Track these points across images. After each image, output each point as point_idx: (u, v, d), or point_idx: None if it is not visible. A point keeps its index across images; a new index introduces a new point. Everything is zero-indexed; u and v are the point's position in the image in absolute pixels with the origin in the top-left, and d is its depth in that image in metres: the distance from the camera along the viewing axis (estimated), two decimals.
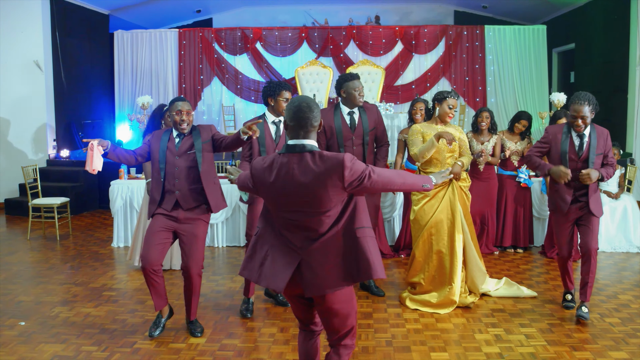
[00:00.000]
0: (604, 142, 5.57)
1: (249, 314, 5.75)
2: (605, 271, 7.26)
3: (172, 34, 14.59)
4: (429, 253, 5.98)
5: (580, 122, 5.40)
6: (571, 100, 5.44)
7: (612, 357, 4.79)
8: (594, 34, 13.45)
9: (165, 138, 5.18)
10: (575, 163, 5.54)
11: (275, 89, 5.68)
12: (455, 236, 5.86)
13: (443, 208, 5.91)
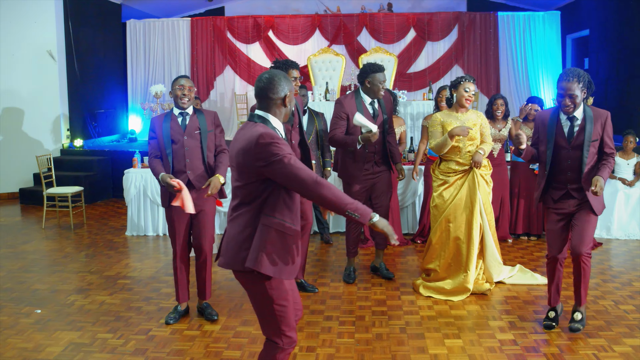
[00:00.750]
0: (601, 126, 4.81)
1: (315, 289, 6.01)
2: (619, 258, 7.23)
3: (185, 22, 14.60)
4: (446, 240, 5.97)
5: (569, 101, 4.70)
6: (559, 77, 4.78)
7: (627, 344, 4.78)
8: (609, 19, 13.33)
9: (167, 119, 5.23)
10: (566, 151, 4.84)
11: (281, 68, 5.66)
12: (473, 224, 5.85)
13: (462, 196, 5.89)
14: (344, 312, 5.50)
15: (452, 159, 5.91)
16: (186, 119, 5.23)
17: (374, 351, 4.68)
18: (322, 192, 3.16)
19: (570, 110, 4.76)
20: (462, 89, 5.83)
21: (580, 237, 4.83)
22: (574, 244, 4.85)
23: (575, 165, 4.83)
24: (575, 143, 4.81)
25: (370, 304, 5.70)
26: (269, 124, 3.35)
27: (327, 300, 5.82)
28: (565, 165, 4.87)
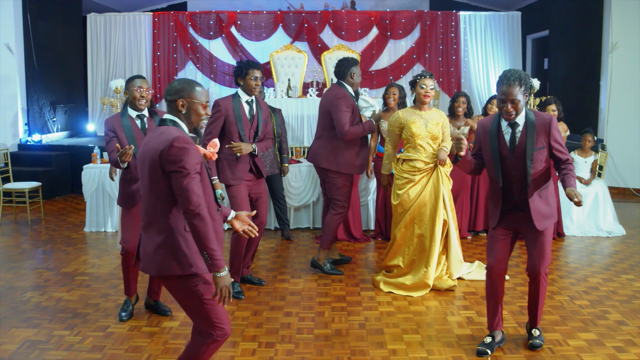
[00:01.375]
0: (546, 132, 4.39)
1: (241, 296, 5.85)
2: (575, 255, 7.37)
3: (146, 17, 14.45)
4: (410, 237, 6.01)
5: (510, 106, 4.27)
6: (498, 80, 4.35)
7: (581, 338, 4.88)
8: (568, 20, 13.53)
9: (126, 120, 5.17)
10: (510, 161, 4.42)
11: (243, 69, 5.72)
12: (437, 221, 5.89)
13: (427, 193, 5.93)
14: (304, 308, 5.52)
15: (416, 158, 5.94)
16: (145, 122, 5.21)
17: (332, 347, 4.70)
18: (195, 222, 3.25)
19: (512, 117, 4.33)
20: (419, 86, 5.88)
21: (540, 254, 4.49)
22: (533, 262, 4.52)
23: (521, 176, 4.42)
24: (518, 152, 4.39)
25: (329, 300, 5.72)
26: (180, 127, 3.43)
27: (287, 296, 5.83)
28: (510, 176, 4.45)
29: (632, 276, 6.48)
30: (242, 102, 5.78)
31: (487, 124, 4.54)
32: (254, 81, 5.71)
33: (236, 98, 5.79)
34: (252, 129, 5.79)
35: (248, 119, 5.77)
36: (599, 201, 8.28)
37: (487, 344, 4.64)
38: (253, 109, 5.82)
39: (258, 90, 5.80)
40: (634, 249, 7.56)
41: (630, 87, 11.35)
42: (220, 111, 5.72)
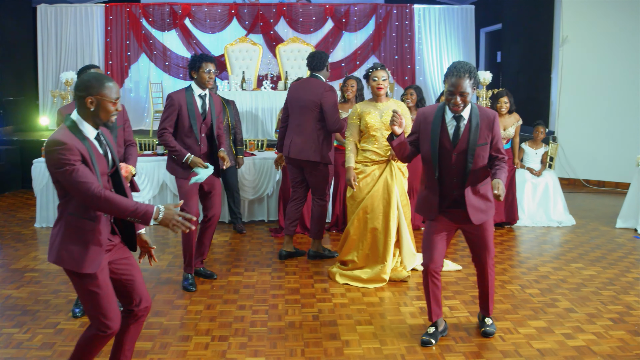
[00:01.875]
0: (489, 128, 4.33)
1: (193, 288, 5.82)
2: (527, 245, 7.49)
3: (99, 8, 14.24)
4: (363, 231, 6.02)
5: (459, 99, 4.19)
6: (447, 72, 4.27)
7: (531, 325, 4.96)
8: (520, 14, 13.71)
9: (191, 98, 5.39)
10: (449, 154, 4.34)
11: (197, 62, 5.69)
12: (390, 215, 5.90)
13: (379, 187, 5.93)
14: (257, 301, 5.50)
15: (370, 149, 5.95)
16: (205, 101, 5.18)
17: (286, 339, 4.70)
18: (100, 204, 3.30)
19: (460, 109, 4.25)
20: (371, 79, 5.90)
21: (485, 246, 4.54)
22: (479, 256, 4.60)
23: (461, 170, 4.37)
24: (461, 147, 4.32)
25: (283, 293, 5.71)
26: (77, 127, 3.41)
27: (241, 289, 5.80)
28: (450, 170, 4.37)
29: (581, 264, 6.61)
30: (194, 96, 5.74)
31: (429, 114, 4.42)
32: (208, 74, 5.68)
33: (189, 92, 5.75)
34: (204, 124, 5.76)
35: (200, 113, 5.73)
36: (549, 192, 8.42)
37: (431, 334, 4.65)
38: (206, 103, 5.78)
39: (212, 84, 5.77)
40: (583, 238, 7.72)
41: (581, 79, 11.57)
42: (173, 105, 5.69)
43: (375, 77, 5.87)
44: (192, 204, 5.75)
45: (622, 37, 11.15)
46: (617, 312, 5.26)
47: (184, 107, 5.68)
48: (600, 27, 11.38)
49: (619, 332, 4.85)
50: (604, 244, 7.49)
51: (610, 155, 11.32)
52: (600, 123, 11.43)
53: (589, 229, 8.23)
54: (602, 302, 5.49)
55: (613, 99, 11.31)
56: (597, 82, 11.44)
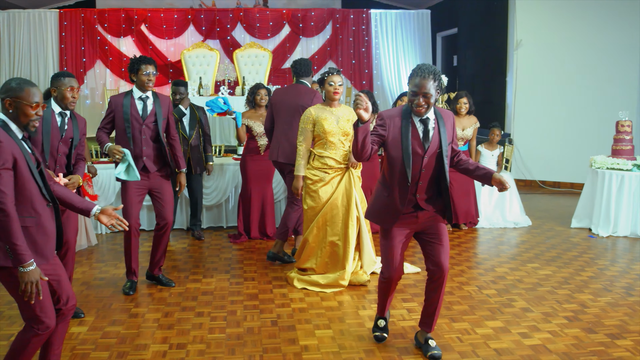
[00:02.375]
0: (452, 127, 4.31)
1: (131, 292, 5.82)
2: (484, 246, 7.57)
3: (52, 14, 14.06)
4: (323, 239, 6.00)
5: (422, 100, 4.04)
6: (412, 73, 4.12)
7: (488, 326, 5.00)
8: (476, 19, 13.89)
9: (47, 119, 4.94)
10: (420, 158, 4.18)
11: (135, 65, 5.66)
12: (349, 223, 5.90)
13: (339, 195, 5.93)
14: (216, 307, 5.46)
15: (327, 156, 5.94)
16: (65, 122, 5.04)
17: (245, 345, 4.67)
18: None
19: (423, 111, 4.10)
20: (327, 84, 5.88)
21: (445, 250, 4.36)
22: (439, 259, 4.33)
23: (427, 174, 4.24)
24: (432, 149, 4.18)
25: (242, 299, 5.68)
26: (7, 126, 3.46)
27: (199, 296, 5.76)
28: (417, 173, 4.21)
29: (537, 264, 6.70)
30: (134, 99, 5.70)
31: (395, 117, 4.23)
32: (147, 77, 5.65)
33: (128, 95, 5.73)
34: (145, 125, 5.71)
35: (140, 115, 5.70)
36: (505, 193, 8.52)
37: (382, 327, 4.71)
38: (147, 105, 5.73)
39: (151, 86, 5.72)
40: (539, 239, 7.83)
41: (535, 83, 11.75)
42: (110, 107, 5.74)
43: (331, 82, 5.86)
44: (132, 212, 5.72)
45: (576, 40, 11.36)
46: (572, 311, 5.34)
47: (119, 109, 5.67)
48: (554, 30, 11.58)
49: (574, 330, 4.93)
50: (559, 243, 7.61)
51: (565, 156, 11.51)
52: (555, 125, 11.62)
53: (544, 229, 8.35)
54: (557, 301, 5.57)
55: (567, 101, 11.50)
56: (552, 85, 11.63)
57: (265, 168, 7.65)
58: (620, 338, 4.77)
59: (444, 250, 4.36)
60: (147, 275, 6.17)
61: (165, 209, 5.87)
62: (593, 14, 11.18)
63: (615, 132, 8.35)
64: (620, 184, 7.91)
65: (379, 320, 4.74)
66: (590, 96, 11.29)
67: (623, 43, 10.97)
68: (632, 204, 7.91)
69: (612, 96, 11.01)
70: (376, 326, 4.74)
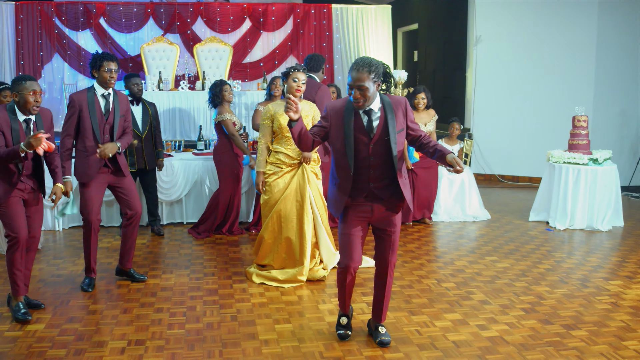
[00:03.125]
0: (403, 114, 4.30)
1: (90, 289, 5.77)
2: (443, 239, 7.64)
3: (9, 6, 13.78)
4: (278, 235, 6.01)
5: (358, 93, 4.10)
6: (350, 67, 4.17)
7: (447, 318, 5.06)
8: (436, 14, 13.99)
9: (15, 121, 4.89)
10: (366, 146, 4.25)
11: (97, 61, 5.58)
12: (304, 219, 5.92)
13: (292, 190, 5.93)
14: (175, 303, 5.43)
15: (282, 151, 5.94)
16: (30, 125, 4.97)
17: (204, 340, 4.66)
18: None
19: (360, 104, 4.15)
20: (291, 80, 5.85)
21: (392, 245, 4.43)
22: (384, 253, 4.45)
23: (378, 161, 4.28)
24: (378, 137, 4.23)
25: (201, 294, 5.66)
26: None
27: (158, 292, 5.72)
28: (367, 162, 4.27)
29: (496, 257, 6.78)
30: (97, 96, 5.64)
31: (339, 107, 4.30)
32: (109, 73, 5.58)
33: (91, 92, 5.65)
34: (107, 124, 5.66)
35: (103, 113, 5.63)
36: (465, 187, 8.61)
37: (344, 325, 4.70)
38: (109, 102, 5.68)
39: (113, 83, 5.67)
40: (498, 232, 7.93)
41: (495, 78, 11.88)
42: (74, 106, 5.59)
43: (295, 78, 5.82)
44: (93, 207, 5.69)
45: (534, 36, 11.51)
46: (529, 302, 5.42)
47: (84, 107, 5.58)
48: (513, 26, 11.71)
49: (531, 321, 5.01)
50: (517, 237, 7.72)
51: (524, 151, 11.66)
52: (514, 120, 11.76)
53: (503, 223, 8.46)
54: (514, 293, 5.65)
55: (526, 96, 11.65)
56: (510, 80, 11.77)
57: (238, 164, 7.63)
58: (576, 329, 4.86)
59: (392, 245, 4.43)
60: (117, 270, 6.11)
61: (133, 200, 5.84)
62: (551, 10, 11.33)
63: (572, 127, 8.47)
64: (577, 177, 8.05)
65: (341, 317, 4.73)
66: (548, 91, 11.45)
67: (580, 39, 11.14)
68: (588, 197, 8.05)
69: (568, 92, 11.18)
70: (339, 324, 4.72)
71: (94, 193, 5.66)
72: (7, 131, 4.86)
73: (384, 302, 4.59)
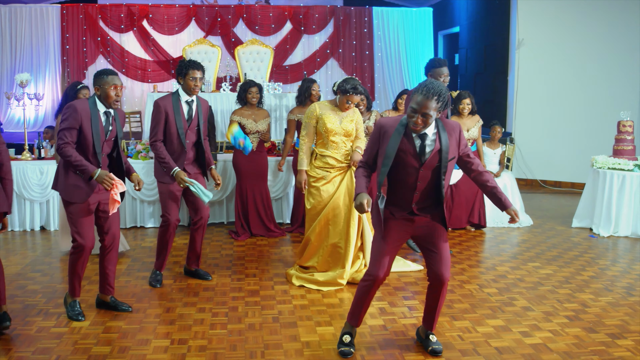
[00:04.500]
0: (457, 141, 4.16)
1: (158, 284, 5.90)
2: (485, 245, 7.57)
3: (54, 9, 14.06)
4: (325, 238, 6.00)
5: (420, 119, 3.93)
6: (417, 88, 3.99)
7: (489, 324, 5.01)
8: (477, 17, 13.88)
9: (95, 115, 4.91)
10: (415, 170, 4.11)
11: (183, 69, 5.69)
12: (351, 222, 5.90)
13: (340, 194, 5.93)
14: (217, 303, 5.47)
15: (329, 155, 5.94)
16: (109, 119, 5.02)
17: (246, 341, 4.68)
18: None
19: (419, 129, 3.99)
20: (345, 100, 5.84)
21: (445, 261, 4.28)
22: (439, 270, 4.27)
23: (424, 185, 4.17)
24: (428, 163, 4.08)
25: (243, 295, 5.69)
26: None
27: (200, 292, 5.77)
28: (413, 184, 4.16)
29: (538, 264, 6.70)
30: (181, 102, 5.75)
31: (389, 127, 4.14)
32: (193, 82, 5.67)
33: (175, 97, 5.76)
34: (190, 130, 5.79)
35: (186, 118, 5.74)
36: (507, 192, 8.51)
37: (347, 343, 4.49)
38: (192, 109, 5.80)
39: (197, 91, 5.76)
40: (540, 238, 7.84)
41: (537, 82, 11.75)
42: (160, 112, 5.70)
43: (349, 101, 5.84)
44: (172, 209, 5.82)
45: (578, 39, 11.36)
46: (573, 310, 5.35)
47: (170, 113, 5.69)
48: (556, 29, 11.58)
49: (575, 329, 4.93)
50: (560, 243, 7.62)
51: (566, 156, 11.52)
52: (557, 124, 11.62)
53: (545, 229, 8.36)
54: (558, 300, 5.58)
55: (568, 100, 11.50)
56: (553, 84, 11.63)
57: (257, 165, 7.69)
58: (621, 338, 4.78)
59: (444, 260, 4.28)
60: (185, 271, 6.26)
61: (201, 205, 5.95)
62: (595, 13, 11.18)
63: (617, 132, 8.35)
64: (622, 184, 7.92)
65: (344, 335, 4.51)
66: (592, 96, 11.29)
67: (625, 43, 10.97)
68: (633, 204, 7.92)
69: (612, 96, 11.02)
70: (341, 342, 4.51)
71: (174, 196, 5.82)
72: (86, 123, 4.86)
73: (437, 313, 4.47)
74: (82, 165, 4.81)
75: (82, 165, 4.81)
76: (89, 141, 4.88)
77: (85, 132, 4.86)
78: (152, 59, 14.26)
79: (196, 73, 5.66)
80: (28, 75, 11.69)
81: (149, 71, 14.25)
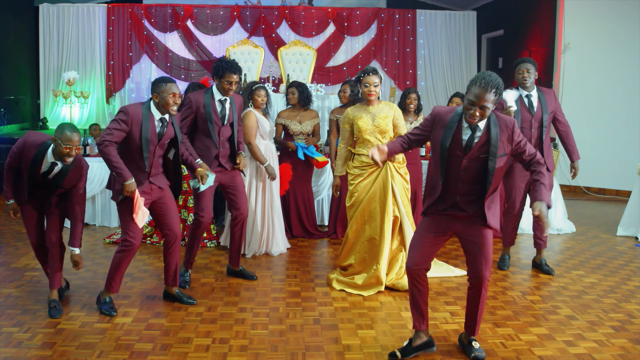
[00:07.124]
0: (509, 138, 4.10)
1: (187, 285, 5.90)
2: (527, 251, 7.46)
3: (101, 9, 14.26)
4: (361, 234, 5.98)
5: (478, 112, 3.91)
6: (474, 80, 3.96)
7: (532, 332, 4.94)
8: (522, 21, 13.73)
9: (147, 120, 4.96)
10: (460, 160, 4.11)
11: (218, 70, 5.67)
12: (386, 218, 5.86)
13: (376, 189, 5.90)
14: (258, 303, 5.48)
15: (364, 153, 5.92)
16: (164, 124, 5.08)
17: (287, 342, 4.68)
18: None
19: (475, 121, 3.97)
20: (362, 85, 5.80)
21: (485, 259, 4.22)
22: (477, 267, 4.23)
23: (469, 177, 4.15)
24: (474, 155, 4.08)
25: (284, 296, 5.70)
26: None
27: (241, 292, 5.79)
28: (456, 175, 4.16)
29: (582, 272, 6.60)
30: (214, 100, 5.76)
31: (444, 116, 4.16)
32: (228, 85, 5.66)
33: (209, 94, 5.76)
34: (222, 129, 5.81)
35: (219, 117, 5.76)
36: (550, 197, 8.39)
37: (400, 348, 4.46)
38: (225, 108, 5.81)
39: (231, 94, 5.78)
40: (584, 246, 7.71)
41: (582, 87, 11.57)
42: (191, 107, 5.72)
43: (366, 83, 5.75)
44: (206, 205, 5.82)
45: (624, 44, 11.15)
46: (619, 320, 5.25)
47: (201, 109, 5.71)
48: (602, 34, 11.38)
49: (621, 340, 4.84)
50: (605, 251, 7.49)
51: (611, 162, 11.31)
52: (602, 130, 11.42)
53: (589, 237, 8.23)
54: (603, 310, 5.48)
55: (614, 106, 11.30)
56: (599, 89, 11.44)
57: (303, 167, 7.67)
58: None
59: (484, 259, 4.23)
60: (228, 270, 6.28)
61: (240, 201, 5.99)
62: None
63: None
64: None
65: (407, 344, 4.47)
66: (637, 102, 11.08)
67: None
68: None
69: None
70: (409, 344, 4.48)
71: (207, 191, 5.78)
72: (136, 128, 4.90)
73: (478, 316, 4.41)
74: (119, 169, 4.86)
75: (120, 169, 4.86)
76: (137, 144, 4.94)
77: (133, 136, 4.92)
78: (195, 59, 14.38)
79: (232, 77, 5.61)
80: (75, 74, 11.93)
81: (193, 71, 14.37)
